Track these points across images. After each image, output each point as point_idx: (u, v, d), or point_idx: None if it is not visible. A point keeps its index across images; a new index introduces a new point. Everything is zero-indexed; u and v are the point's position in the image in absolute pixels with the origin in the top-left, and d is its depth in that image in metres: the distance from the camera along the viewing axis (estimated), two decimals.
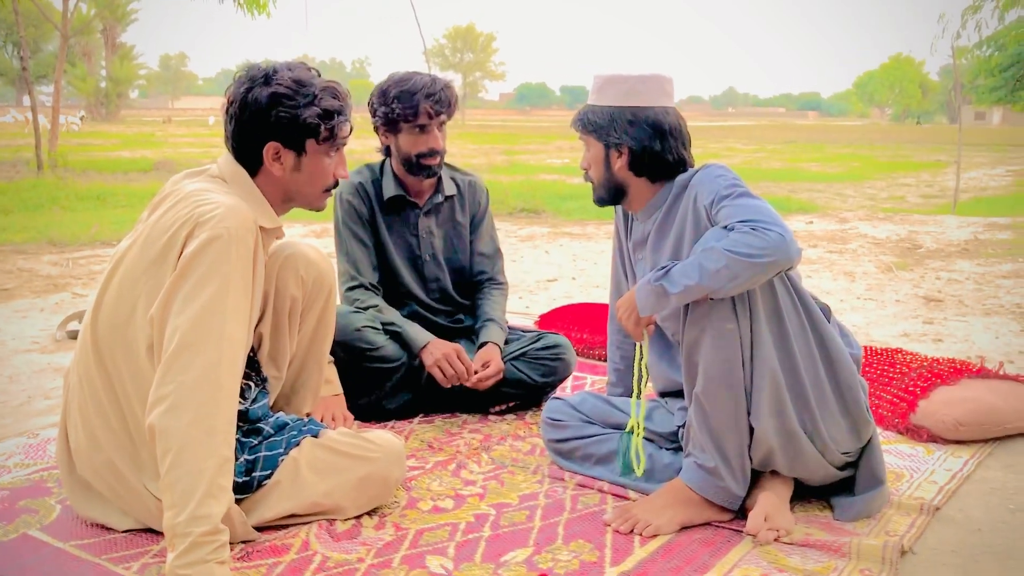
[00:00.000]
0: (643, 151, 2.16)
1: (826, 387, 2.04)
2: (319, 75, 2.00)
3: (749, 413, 2.01)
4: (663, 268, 1.96)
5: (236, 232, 1.78)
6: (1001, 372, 2.99)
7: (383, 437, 2.13)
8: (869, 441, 2.12)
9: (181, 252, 1.79)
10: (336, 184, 2.06)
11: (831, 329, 2.06)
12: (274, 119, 1.92)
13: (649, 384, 2.53)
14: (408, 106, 2.74)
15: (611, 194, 2.26)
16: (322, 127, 1.96)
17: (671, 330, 2.24)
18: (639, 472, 2.20)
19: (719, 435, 2.02)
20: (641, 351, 2.17)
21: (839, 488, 2.16)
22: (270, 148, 1.95)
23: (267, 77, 1.93)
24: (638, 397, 2.20)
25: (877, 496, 2.12)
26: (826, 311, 2.11)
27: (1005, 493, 2.29)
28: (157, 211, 1.92)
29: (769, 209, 1.92)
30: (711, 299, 1.94)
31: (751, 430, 2.02)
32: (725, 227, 1.92)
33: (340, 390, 2.66)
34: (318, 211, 2.10)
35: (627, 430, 2.27)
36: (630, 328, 2.07)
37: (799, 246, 1.89)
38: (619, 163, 2.20)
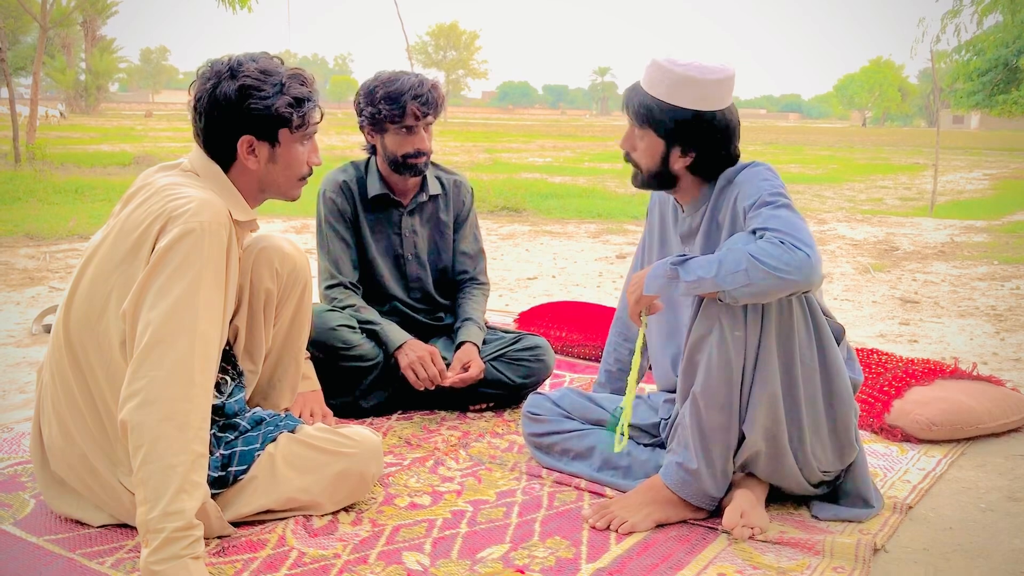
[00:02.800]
0: (710, 155, 2.12)
1: (820, 410, 2.03)
2: (283, 63, 1.98)
3: (742, 420, 2.00)
4: (682, 256, 1.94)
5: (209, 226, 1.77)
6: (974, 373, 3.02)
7: (360, 433, 2.13)
8: (852, 464, 2.12)
9: (154, 246, 1.78)
10: (311, 172, 2.05)
11: (838, 354, 2.04)
12: (246, 112, 1.90)
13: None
14: (395, 107, 2.72)
15: (658, 183, 2.21)
16: (294, 115, 1.94)
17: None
18: (618, 449, 2.17)
19: (708, 437, 2.01)
20: (641, 335, 2.11)
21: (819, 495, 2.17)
22: (244, 141, 1.93)
23: (232, 70, 1.91)
24: (635, 381, 2.14)
25: (862, 514, 2.11)
26: (839, 332, 2.09)
27: (977, 492, 2.32)
28: (130, 205, 1.90)
29: (805, 228, 1.88)
30: (722, 301, 1.91)
31: (740, 436, 2.02)
32: (754, 232, 1.89)
33: (318, 385, 2.66)
34: (293, 200, 2.08)
35: (616, 408, 2.26)
36: (630, 304, 2.03)
37: (822, 273, 1.85)
38: (680, 163, 2.14)
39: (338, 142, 23.11)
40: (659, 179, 2.20)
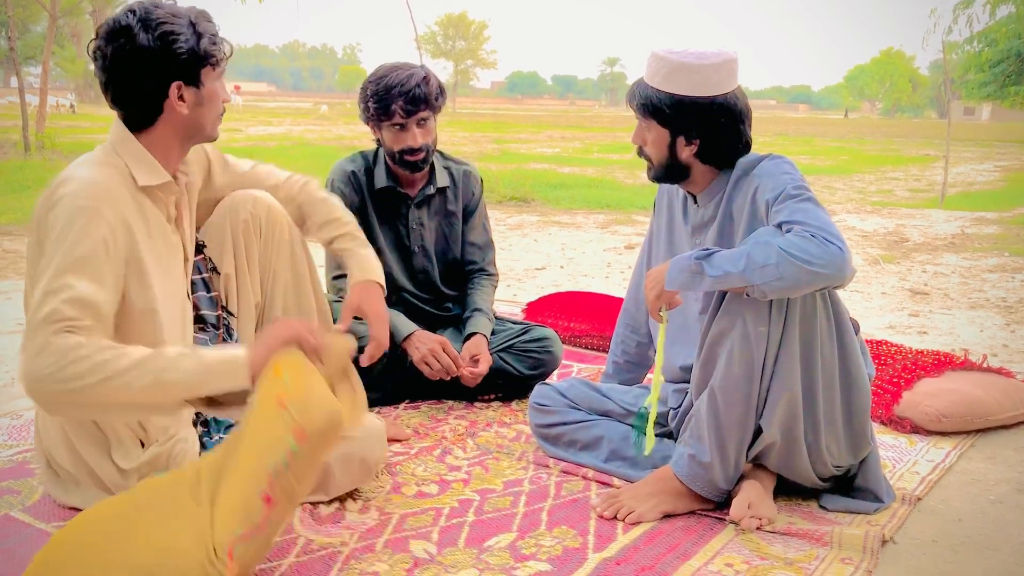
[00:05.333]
0: (716, 141, 2.11)
1: (837, 405, 2.02)
2: (176, 2, 1.92)
3: (759, 415, 1.99)
4: (706, 249, 1.91)
5: (86, 203, 1.74)
6: (984, 365, 3.00)
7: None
8: (865, 459, 2.12)
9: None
10: (223, 110, 2.00)
11: (856, 348, 2.03)
12: (172, 57, 1.84)
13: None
14: (381, 106, 2.70)
15: (671, 176, 2.20)
16: (217, 52, 1.90)
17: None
18: (647, 451, 2.15)
19: (724, 431, 2.00)
20: (662, 332, 2.07)
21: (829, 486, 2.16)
22: (174, 89, 1.87)
23: (143, 22, 1.83)
24: (659, 380, 2.11)
25: (872, 507, 2.10)
26: (855, 327, 2.08)
27: (986, 484, 2.31)
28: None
29: (832, 222, 1.87)
30: (747, 295, 1.89)
31: (756, 429, 2.01)
32: (780, 226, 1.87)
33: (372, 276, 2.25)
34: (213, 140, 2.02)
35: (642, 408, 2.25)
36: (651, 300, 2.00)
37: (854, 267, 1.84)
38: (687, 151, 2.13)
39: (347, 132, 23.11)
40: (671, 171, 2.18)
